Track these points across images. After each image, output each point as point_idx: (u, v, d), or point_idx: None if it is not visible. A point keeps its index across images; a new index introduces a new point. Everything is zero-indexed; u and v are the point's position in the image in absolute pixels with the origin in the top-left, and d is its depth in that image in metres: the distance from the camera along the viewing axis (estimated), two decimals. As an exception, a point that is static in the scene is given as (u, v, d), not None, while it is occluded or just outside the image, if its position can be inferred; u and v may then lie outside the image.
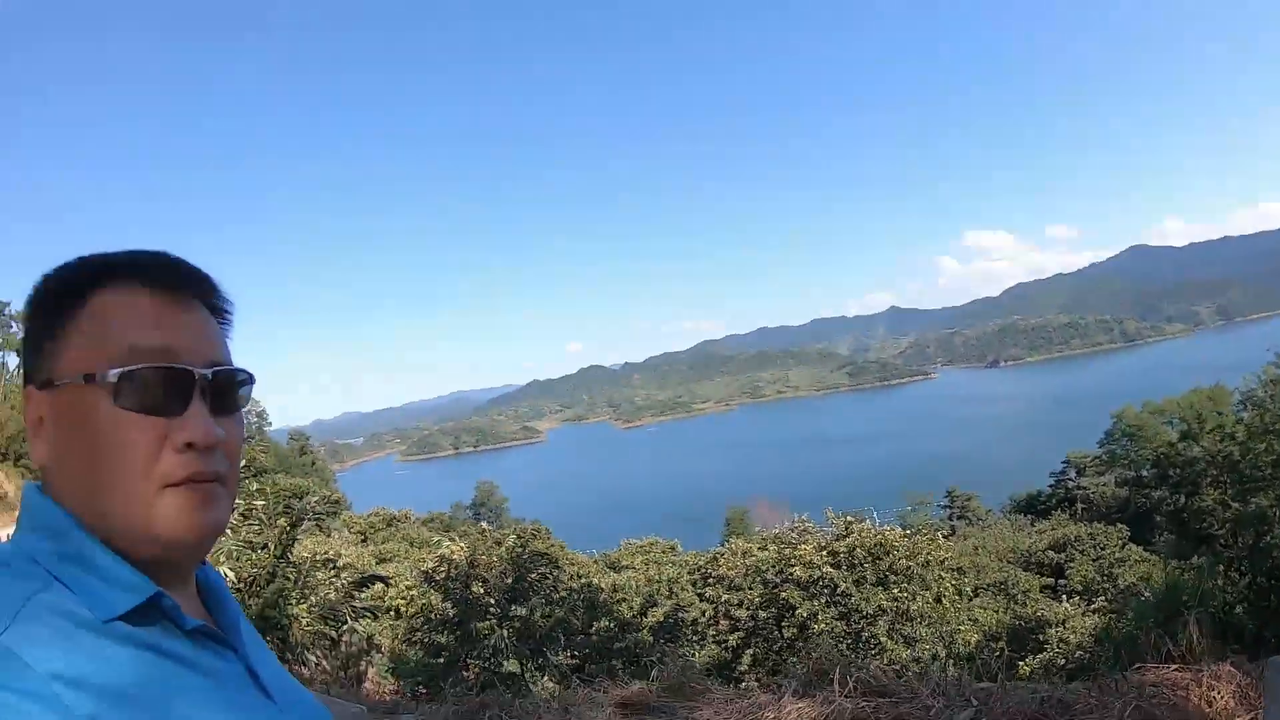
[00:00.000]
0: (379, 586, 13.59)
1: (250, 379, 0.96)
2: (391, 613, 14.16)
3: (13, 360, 63.85)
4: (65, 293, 0.89)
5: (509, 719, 4.92)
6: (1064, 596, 19.97)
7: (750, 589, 13.87)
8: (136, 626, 0.79)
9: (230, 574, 8.38)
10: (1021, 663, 13.67)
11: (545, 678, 11.35)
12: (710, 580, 16.56)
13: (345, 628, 11.43)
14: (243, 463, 0.89)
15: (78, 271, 0.90)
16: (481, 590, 11.63)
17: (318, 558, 14.06)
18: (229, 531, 8.22)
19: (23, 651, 0.70)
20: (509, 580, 11.73)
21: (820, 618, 11.99)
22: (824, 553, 12.84)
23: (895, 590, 12.24)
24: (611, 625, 12.15)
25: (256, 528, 9.75)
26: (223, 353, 0.93)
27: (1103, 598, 18.77)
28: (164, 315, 0.88)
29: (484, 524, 14.81)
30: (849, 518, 13.86)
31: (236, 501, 0.89)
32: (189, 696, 0.78)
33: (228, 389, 0.91)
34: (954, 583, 13.30)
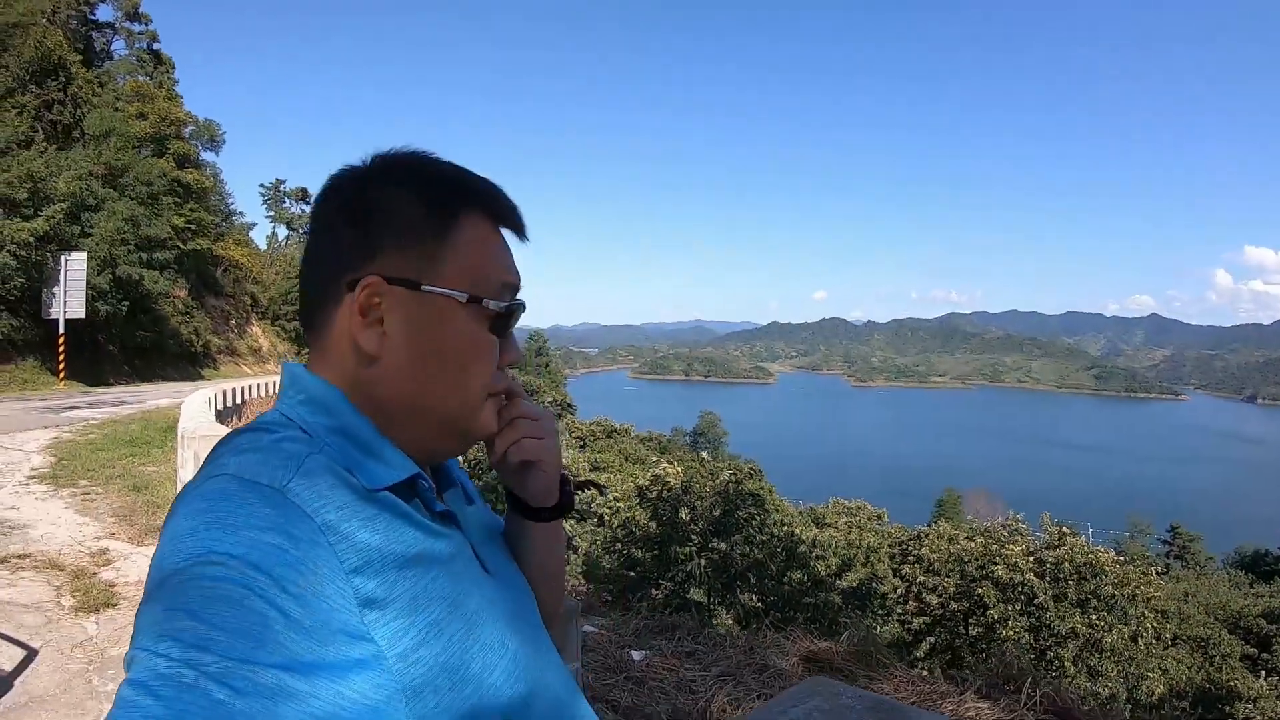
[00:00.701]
0: (593, 493, 14.16)
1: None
2: (595, 519, 14.70)
3: (282, 231, 70.38)
4: (436, 206, 0.96)
5: (695, 644, 5.10)
6: (1263, 672, 18.22)
7: (947, 577, 13.54)
8: (395, 498, 0.89)
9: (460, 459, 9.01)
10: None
11: (728, 613, 11.59)
12: (909, 558, 16.27)
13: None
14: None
15: (446, 189, 0.98)
16: (688, 517, 11.88)
17: (536, 455, 14.75)
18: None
19: (303, 502, 0.78)
20: (716, 513, 11.89)
21: (1010, 624, 11.58)
22: (1031, 559, 12.31)
23: (1093, 616, 11.56)
24: (805, 579, 12.11)
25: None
26: None
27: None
28: (511, 255, 1.03)
29: (703, 454, 15.00)
30: (1064, 529, 13.20)
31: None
32: (434, 562, 0.88)
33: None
34: (1155, 625, 12.38)
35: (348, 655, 0.73)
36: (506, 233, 1.04)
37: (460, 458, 1.13)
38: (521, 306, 1.02)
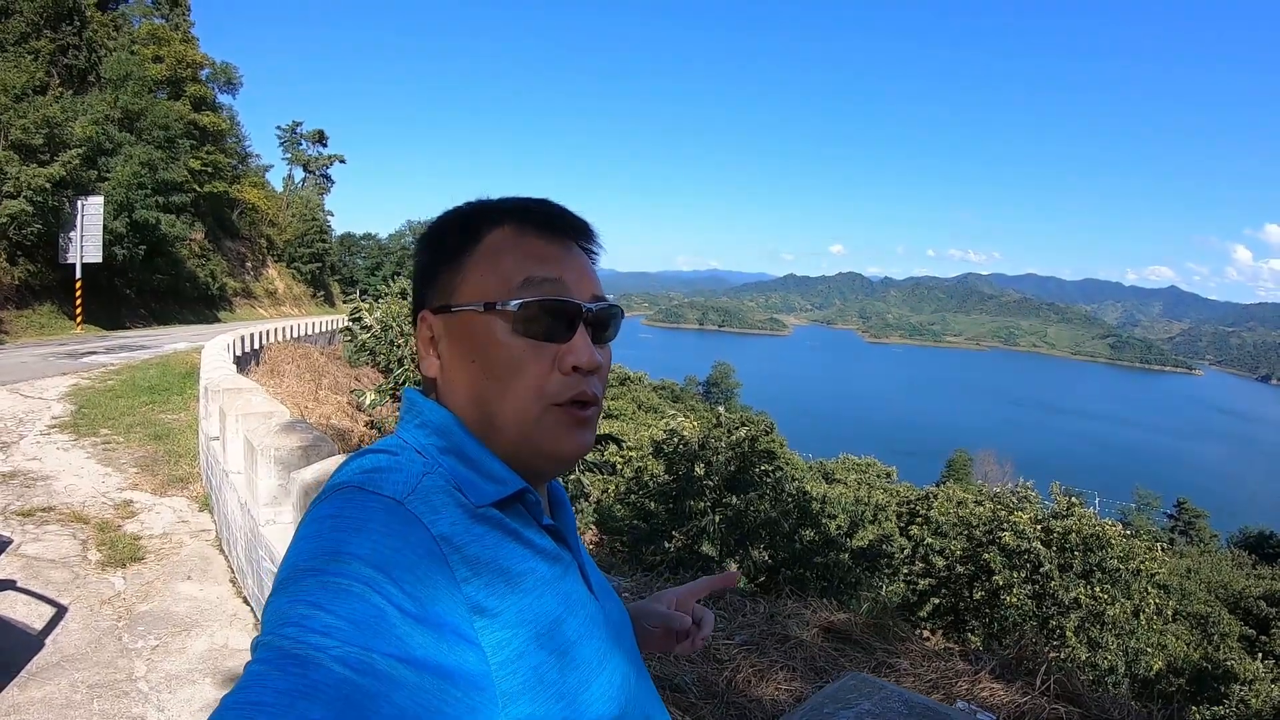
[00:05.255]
0: (611, 446, 14.13)
1: (621, 313, 1.07)
2: (609, 468, 14.72)
3: (299, 173, 70.46)
4: (463, 231, 1.02)
5: (716, 609, 5.15)
6: (1260, 655, 18.26)
7: (954, 540, 13.57)
8: (503, 514, 0.93)
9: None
10: (1195, 708, 12.83)
11: (737, 568, 11.66)
12: (918, 519, 16.34)
13: (571, 478, 11.98)
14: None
15: (474, 214, 1.03)
16: (703, 472, 11.91)
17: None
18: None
19: (420, 514, 0.83)
20: (732, 469, 11.92)
21: (1014, 591, 11.61)
22: (1038, 527, 12.31)
23: (1097, 588, 11.56)
24: (816, 538, 12.16)
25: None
26: (600, 289, 1.04)
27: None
28: (552, 253, 1.00)
29: (720, 409, 14.95)
30: (1073, 498, 13.17)
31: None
32: (540, 579, 0.91)
33: (605, 321, 1.03)
34: (1157, 600, 12.37)
35: (455, 654, 0.76)
36: (549, 234, 1.03)
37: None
38: (556, 302, 0.97)
